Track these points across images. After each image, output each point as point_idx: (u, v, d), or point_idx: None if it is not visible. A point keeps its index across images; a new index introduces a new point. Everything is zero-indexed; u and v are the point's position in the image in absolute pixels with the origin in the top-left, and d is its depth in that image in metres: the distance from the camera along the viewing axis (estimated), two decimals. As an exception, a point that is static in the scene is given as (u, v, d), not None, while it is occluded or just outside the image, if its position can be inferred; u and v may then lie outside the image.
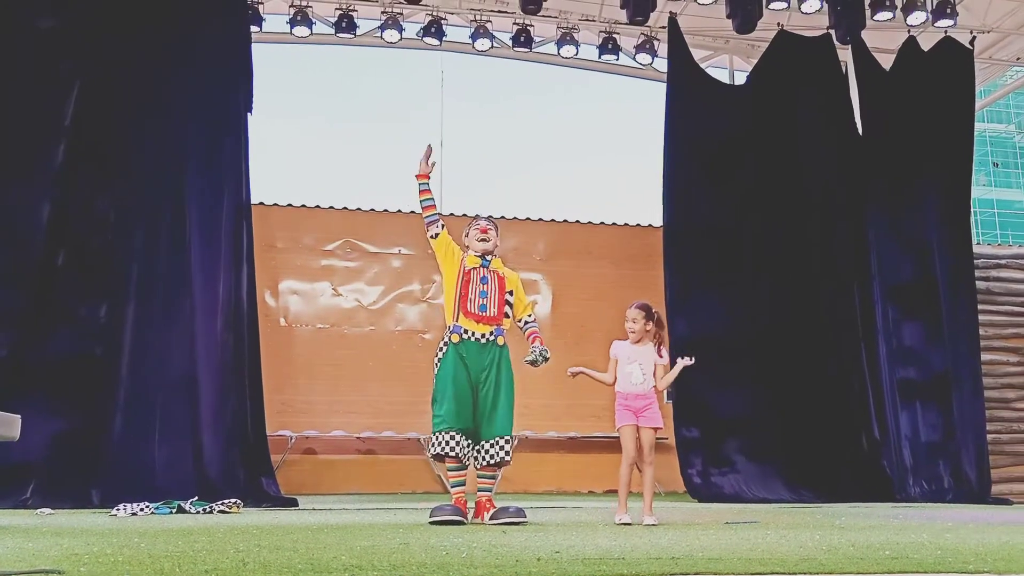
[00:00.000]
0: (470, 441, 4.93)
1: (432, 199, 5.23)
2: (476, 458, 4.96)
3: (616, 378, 5.01)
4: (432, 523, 4.72)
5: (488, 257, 5.10)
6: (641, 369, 4.93)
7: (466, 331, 4.95)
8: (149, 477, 7.23)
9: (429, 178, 5.23)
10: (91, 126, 7.98)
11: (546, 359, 4.99)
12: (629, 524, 4.70)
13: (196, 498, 6.51)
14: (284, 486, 8.18)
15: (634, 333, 4.99)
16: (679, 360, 5.04)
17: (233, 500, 6.52)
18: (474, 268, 5.03)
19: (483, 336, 4.96)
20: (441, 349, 5.04)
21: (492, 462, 4.94)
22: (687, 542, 3.61)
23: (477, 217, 5.29)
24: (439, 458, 4.99)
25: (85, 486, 7.04)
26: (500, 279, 5.06)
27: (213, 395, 7.72)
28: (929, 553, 3.16)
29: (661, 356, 5.02)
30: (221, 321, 7.88)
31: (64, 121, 7.88)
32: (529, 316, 5.21)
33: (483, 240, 5.09)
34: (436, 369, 5.03)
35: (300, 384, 10.15)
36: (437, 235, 5.18)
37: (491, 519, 4.83)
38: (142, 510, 5.93)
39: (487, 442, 4.94)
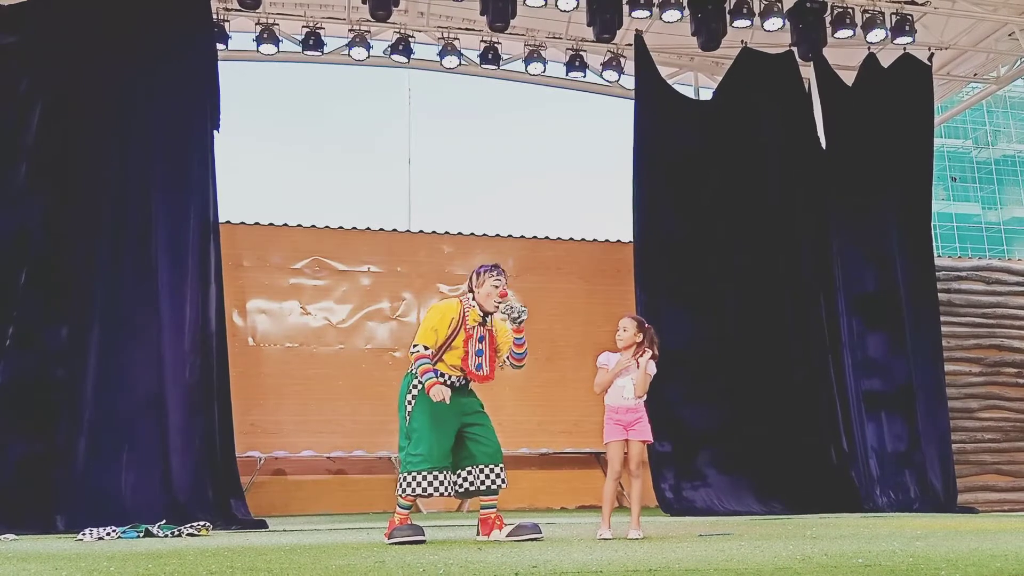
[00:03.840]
0: (447, 474, 4.83)
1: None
2: (469, 481, 4.91)
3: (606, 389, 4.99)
4: (393, 544, 4.64)
5: (489, 316, 5.03)
6: (633, 383, 4.93)
7: (442, 375, 4.90)
8: (116, 501, 7.11)
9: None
10: (54, 145, 7.87)
11: (521, 313, 4.87)
12: (611, 540, 4.69)
13: (164, 521, 6.41)
14: (253, 508, 8.06)
15: (622, 340, 4.98)
16: (642, 358, 4.97)
17: (202, 523, 6.42)
18: (476, 326, 4.95)
19: (459, 380, 4.97)
20: (416, 387, 4.90)
21: (488, 488, 4.91)
22: (663, 554, 3.61)
23: (496, 270, 5.09)
24: (418, 497, 4.82)
25: (49, 512, 6.91)
26: (492, 337, 5.03)
27: (181, 417, 7.61)
28: (901, 560, 3.19)
29: (639, 365, 4.98)
30: (189, 342, 7.78)
31: (27, 140, 7.78)
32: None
33: (502, 302, 4.96)
34: (410, 406, 4.91)
35: (269, 404, 10.03)
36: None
37: (509, 536, 4.81)
38: (108, 534, 5.82)
39: (490, 467, 4.92)
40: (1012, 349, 10.93)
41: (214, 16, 8.97)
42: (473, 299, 5.05)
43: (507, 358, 5.10)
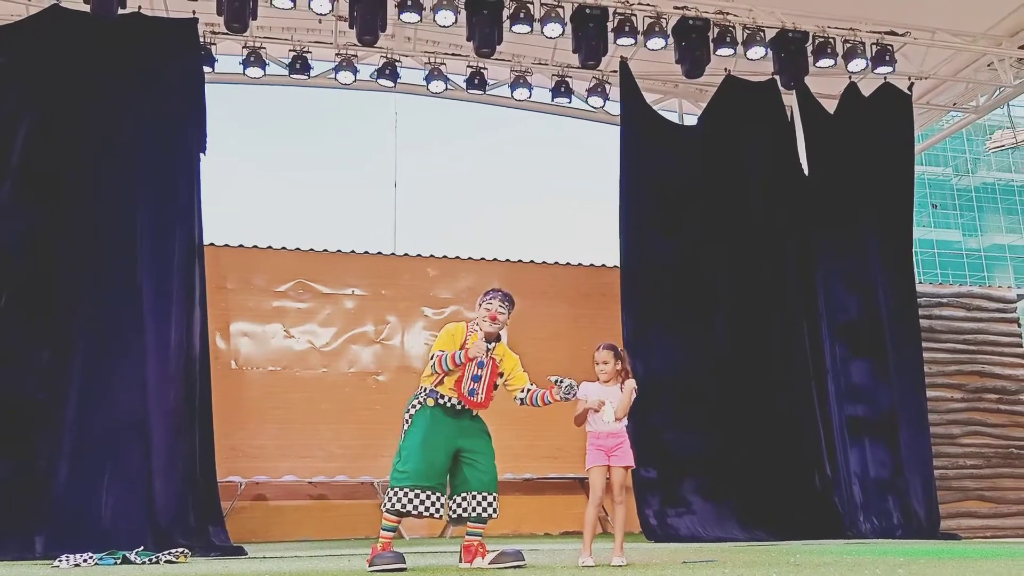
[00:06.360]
0: (437, 496, 4.79)
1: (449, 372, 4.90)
2: (462, 507, 4.89)
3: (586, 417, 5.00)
4: (374, 571, 4.62)
5: (492, 343, 5.00)
6: (613, 407, 4.93)
7: (442, 396, 4.90)
8: (96, 524, 7.02)
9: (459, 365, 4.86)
10: (39, 165, 7.85)
11: (572, 390, 4.88)
12: (593, 567, 4.65)
13: (142, 548, 6.32)
14: (233, 534, 7.96)
15: (605, 374, 5.00)
16: (626, 383, 4.99)
17: (180, 549, 6.34)
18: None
19: (459, 404, 4.94)
20: (414, 406, 4.93)
21: (479, 516, 4.87)
22: (646, 582, 3.58)
23: (496, 292, 5.07)
24: (396, 514, 4.78)
25: (29, 534, 6.83)
26: (494, 365, 4.99)
27: (164, 440, 7.52)
28: (884, 589, 3.18)
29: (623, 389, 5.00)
30: (173, 365, 7.71)
31: (11, 160, 7.74)
32: (526, 387, 5.10)
33: (493, 326, 4.98)
34: (406, 425, 4.92)
35: (250, 428, 9.93)
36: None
37: (491, 563, 4.76)
38: (85, 561, 5.74)
39: (481, 494, 4.88)
40: (993, 375, 11.00)
41: (201, 39, 8.98)
42: (478, 324, 5.02)
43: (523, 398, 5.08)
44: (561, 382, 4.87)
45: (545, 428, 10.40)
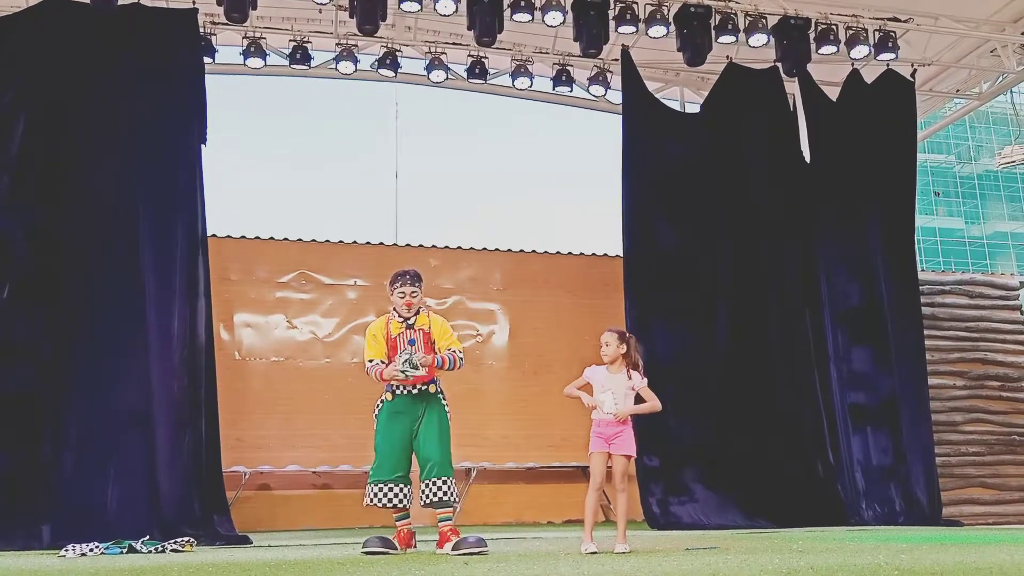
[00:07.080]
0: (400, 488, 5.28)
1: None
2: (422, 497, 5.24)
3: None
4: (364, 553, 5.04)
5: (411, 319, 5.31)
6: (613, 397, 4.96)
7: (397, 387, 5.27)
8: (102, 514, 7.06)
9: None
10: (39, 158, 7.83)
11: (414, 365, 5.08)
12: (595, 553, 4.68)
13: (148, 537, 6.35)
14: (238, 523, 7.98)
15: (606, 356, 5.04)
16: (634, 382, 5.07)
17: (186, 539, 6.37)
18: (400, 334, 5.28)
19: (414, 388, 5.26)
20: (378, 406, 5.41)
21: (430, 502, 5.19)
22: (650, 568, 3.61)
23: (402, 276, 5.33)
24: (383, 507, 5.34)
25: (35, 524, 6.87)
26: (426, 335, 5.28)
27: (168, 432, 7.55)
28: (887, 573, 3.20)
29: (633, 379, 5.05)
30: (177, 357, 7.72)
31: (10, 152, 7.74)
32: (443, 352, 5.31)
33: (410, 311, 5.30)
34: (375, 424, 5.42)
35: (254, 419, 9.96)
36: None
37: (452, 549, 4.87)
38: (92, 550, 5.77)
39: (425, 483, 5.21)
40: (995, 363, 11.00)
41: (201, 29, 8.96)
42: (395, 310, 5.36)
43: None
44: (402, 356, 5.11)
45: (548, 417, 10.44)
